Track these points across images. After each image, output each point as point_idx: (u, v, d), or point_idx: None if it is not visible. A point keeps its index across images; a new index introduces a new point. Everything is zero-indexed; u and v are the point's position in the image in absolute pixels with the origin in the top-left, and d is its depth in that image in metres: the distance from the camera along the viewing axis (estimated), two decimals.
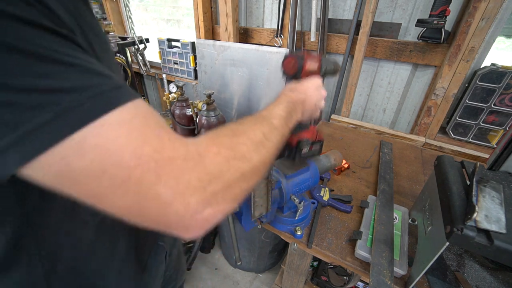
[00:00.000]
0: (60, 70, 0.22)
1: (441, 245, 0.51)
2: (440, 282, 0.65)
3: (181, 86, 1.57)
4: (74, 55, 0.24)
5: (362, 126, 1.48)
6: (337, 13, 1.44)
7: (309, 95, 0.56)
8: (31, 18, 0.22)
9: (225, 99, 1.81)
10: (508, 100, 1.15)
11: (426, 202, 0.71)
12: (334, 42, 1.47)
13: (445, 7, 1.07)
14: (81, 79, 0.23)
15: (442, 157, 0.68)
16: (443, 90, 1.23)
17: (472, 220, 0.46)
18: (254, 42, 1.76)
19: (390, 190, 0.94)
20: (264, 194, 0.61)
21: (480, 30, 1.05)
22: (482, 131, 1.25)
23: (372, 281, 0.63)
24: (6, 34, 0.20)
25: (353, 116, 1.64)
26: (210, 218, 0.28)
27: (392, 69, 1.40)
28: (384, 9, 1.30)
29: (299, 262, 0.98)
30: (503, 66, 1.12)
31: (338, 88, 1.52)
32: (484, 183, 0.53)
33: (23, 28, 0.21)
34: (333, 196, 0.93)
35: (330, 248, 0.76)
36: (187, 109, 1.57)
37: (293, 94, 0.53)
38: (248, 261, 1.61)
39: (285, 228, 0.80)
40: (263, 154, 0.36)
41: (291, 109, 0.49)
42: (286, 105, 0.48)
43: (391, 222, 0.78)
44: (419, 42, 1.23)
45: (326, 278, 1.27)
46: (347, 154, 1.22)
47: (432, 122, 1.31)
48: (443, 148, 1.30)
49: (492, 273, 0.67)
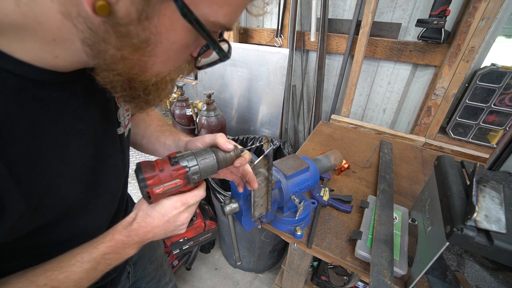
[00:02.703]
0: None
1: (441, 245, 0.51)
2: (440, 282, 0.65)
3: (181, 86, 1.57)
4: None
5: (362, 126, 1.48)
6: (337, 13, 1.44)
7: (156, 233, 0.45)
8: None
9: (225, 99, 1.81)
10: (508, 100, 1.15)
11: (426, 202, 0.71)
12: (334, 42, 1.47)
13: (445, 7, 1.07)
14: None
15: (442, 157, 0.68)
16: (443, 90, 1.23)
17: (472, 220, 0.46)
18: (254, 42, 1.76)
19: (390, 190, 0.94)
20: (264, 194, 0.61)
21: (480, 30, 1.05)
22: (482, 131, 1.25)
23: (372, 281, 0.63)
24: None
25: (353, 116, 1.64)
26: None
27: (392, 69, 1.40)
28: (384, 9, 1.30)
29: (299, 262, 0.98)
30: (503, 66, 1.12)
31: (338, 88, 1.52)
32: (484, 183, 0.53)
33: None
34: (333, 196, 0.93)
35: (330, 248, 0.77)
36: (187, 109, 1.57)
37: (123, 238, 0.43)
38: (248, 261, 1.61)
39: (285, 228, 0.80)
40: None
41: (106, 260, 0.42)
42: (95, 262, 0.41)
43: (391, 222, 0.78)
44: (419, 42, 1.23)
45: (326, 278, 1.27)
46: (347, 154, 1.22)
47: (432, 122, 1.31)
48: (443, 148, 1.30)
49: (492, 273, 0.67)
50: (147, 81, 0.34)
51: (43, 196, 0.35)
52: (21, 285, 0.35)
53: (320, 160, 0.84)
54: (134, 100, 0.36)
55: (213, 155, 0.46)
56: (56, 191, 0.37)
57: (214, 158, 0.46)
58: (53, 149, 0.35)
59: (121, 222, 0.44)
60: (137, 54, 0.30)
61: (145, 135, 0.63)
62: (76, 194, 0.41)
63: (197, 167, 0.44)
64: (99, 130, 0.44)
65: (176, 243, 0.57)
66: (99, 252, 0.41)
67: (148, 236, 0.45)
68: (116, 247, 0.42)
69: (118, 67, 0.30)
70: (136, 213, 0.45)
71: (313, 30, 1.41)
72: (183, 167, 0.43)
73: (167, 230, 0.46)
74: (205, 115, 1.47)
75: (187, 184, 0.45)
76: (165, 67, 0.34)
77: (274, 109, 1.63)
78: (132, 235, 0.43)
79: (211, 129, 1.48)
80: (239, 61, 1.63)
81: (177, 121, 1.59)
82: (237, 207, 0.65)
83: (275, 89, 1.56)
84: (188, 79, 2.04)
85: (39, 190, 0.34)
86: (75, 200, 0.41)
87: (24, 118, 0.31)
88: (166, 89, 0.38)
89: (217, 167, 0.46)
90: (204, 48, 0.37)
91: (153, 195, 0.42)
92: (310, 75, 1.68)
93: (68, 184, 0.39)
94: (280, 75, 1.51)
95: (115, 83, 0.32)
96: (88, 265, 0.40)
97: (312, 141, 1.32)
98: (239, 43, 1.64)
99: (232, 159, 0.49)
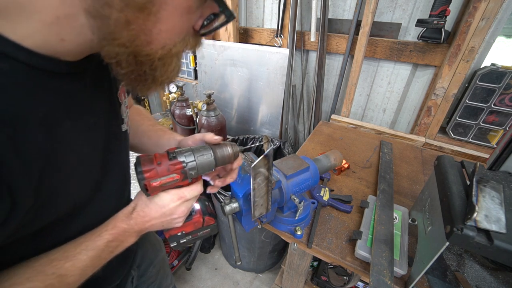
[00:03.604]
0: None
1: (441, 245, 0.51)
2: (440, 282, 0.65)
3: (181, 86, 1.57)
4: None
5: (362, 126, 1.48)
6: (337, 13, 1.44)
7: (153, 224, 0.47)
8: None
9: (225, 99, 1.81)
10: (508, 100, 1.15)
11: (426, 202, 0.71)
12: (334, 42, 1.47)
13: (445, 7, 1.07)
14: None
15: (442, 157, 0.68)
16: (443, 90, 1.23)
17: (472, 220, 0.46)
18: (254, 42, 1.76)
19: (390, 190, 0.94)
20: (264, 194, 0.61)
21: (480, 30, 1.05)
22: (482, 131, 1.25)
23: (372, 281, 0.63)
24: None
25: (353, 116, 1.64)
26: None
27: (392, 69, 1.40)
28: (384, 9, 1.30)
29: (299, 262, 0.98)
30: (503, 66, 1.12)
31: (338, 88, 1.52)
32: (484, 183, 0.53)
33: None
34: (333, 196, 0.93)
35: (330, 248, 0.77)
36: (187, 109, 1.57)
37: (125, 226, 0.44)
38: (248, 261, 1.61)
39: (285, 228, 0.80)
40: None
41: (109, 248, 0.43)
42: (99, 250, 0.41)
43: (391, 222, 0.78)
44: (419, 42, 1.23)
45: (326, 278, 1.27)
46: (347, 154, 1.22)
47: (432, 122, 1.31)
48: (443, 148, 1.30)
49: (492, 273, 0.67)
50: (152, 55, 0.33)
51: (53, 193, 0.34)
52: (29, 275, 0.35)
53: (320, 160, 0.84)
54: (140, 79, 0.35)
55: (211, 152, 0.47)
56: (66, 189, 0.37)
57: (212, 155, 0.47)
58: (65, 143, 0.35)
59: (122, 211, 0.46)
60: (142, 16, 0.29)
61: (136, 134, 0.63)
62: (84, 191, 0.41)
63: (194, 162, 0.45)
64: (108, 125, 0.44)
65: (174, 236, 0.59)
66: (103, 240, 0.42)
67: (146, 225, 0.47)
68: (119, 235, 0.44)
69: (123, 36, 0.30)
70: (136, 203, 0.47)
71: (313, 30, 1.41)
72: (180, 162, 0.44)
73: (164, 221, 0.48)
74: (205, 115, 1.47)
75: (184, 179, 0.46)
76: (170, 37, 0.34)
77: (274, 109, 1.63)
78: (132, 223, 0.45)
79: (211, 129, 1.48)
80: (239, 61, 1.62)
81: (177, 121, 1.59)
82: (237, 206, 0.65)
83: (275, 89, 1.56)
84: (188, 79, 2.04)
85: (49, 186, 0.33)
86: (81, 198, 0.41)
87: (38, 111, 0.30)
88: (172, 65, 0.37)
89: (214, 164, 0.47)
90: (207, 21, 0.36)
91: (150, 187, 0.43)
92: (310, 75, 1.68)
93: (78, 181, 0.39)
94: (280, 75, 1.51)
95: (120, 56, 0.32)
96: (92, 252, 0.41)
97: (312, 141, 1.32)
98: (239, 43, 1.64)
99: (230, 158, 0.49)
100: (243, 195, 0.63)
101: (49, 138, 0.32)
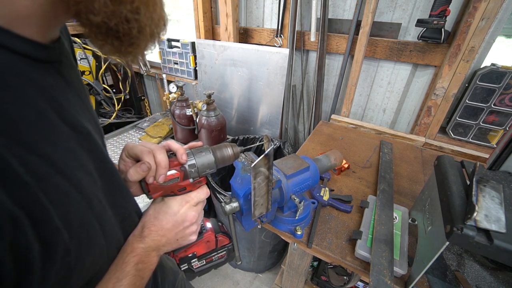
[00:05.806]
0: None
1: (441, 245, 0.51)
2: (440, 282, 0.65)
3: (181, 86, 1.57)
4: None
5: (362, 126, 1.48)
6: (337, 13, 1.44)
7: (168, 238, 0.44)
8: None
9: (225, 99, 1.81)
10: (508, 100, 1.15)
11: (426, 202, 0.71)
12: (334, 42, 1.47)
13: (445, 7, 1.07)
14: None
15: (442, 157, 0.69)
16: (443, 90, 1.23)
17: (472, 220, 0.46)
18: (254, 42, 1.76)
19: (390, 190, 0.94)
20: (264, 194, 0.61)
21: (480, 30, 1.05)
22: (482, 131, 1.25)
23: (372, 281, 0.63)
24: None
25: (353, 116, 1.64)
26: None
27: (392, 69, 1.40)
28: (384, 9, 1.30)
29: (299, 262, 0.98)
30: (503, 66, 1.12)
31: (338, 88, 1.52)
32: (484, 183, 0.53)
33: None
34: (333, 196, 0.93)
35: (330, 248, 0.77)
36: (187, 109, 1.57)
37: (142, 245, 0.41)
38: (248, 261, 1.61)
39: (285, 227, 0.80)
40: None
41: (139, 272, 0.39)
42: (132, 276, 0.38)
43: (391, 222, 0.78)
44: (419, 42, 1.23)
45: (326, 278, 1.27)
46: (347, 154, 1.22)
47: (432, 122, 1.31)
48: (443, 148, 1.30)
49: (492, 273, 0.67)
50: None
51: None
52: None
53: (320, 160, 0.84)
54: (124, 30, 0.29)
55: (210, 150, 0.48)
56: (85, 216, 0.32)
57: (211, 152, 0.48)
58: (67, 151, 0.30)
59: (132, 234, 0.43)
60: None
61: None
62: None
63: (193, 160, 0.46)
64: (92, 122, 0.39)
65: (185, 258, 0.56)
66: (130, 264, 0.39)
67: (162, 241, 0.44)
68: (141, 255, 0.41)
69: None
70: (143, 221, 0.45)
71: (313, 30, 1.41)
72: (178, 160, 0.45)
73: (178, 232, 0.45)
74: (205, 115, 1.47)
75: (185, 178, 0.46)
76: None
77: (274, 109, 1.63)
78: (148, 241, 0.42)
79: (211, 129, 1.48)
80: (239, 61, 1.63)
81: (177, 121, 1.59)
82: (237, 206, 0.65)
83: (275, 89, 1.56)
84: (188, 79, 2.04)
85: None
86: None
87: (30, 108, 0.26)
88: (157, 6, 0.31)
89: (214, 162, 0.48)
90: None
91: (151, 187, 0.43)
92: (310, 75, 1.68)
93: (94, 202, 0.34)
94: (280, 75, 1.51)
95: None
96: (126, 281, 0.37)
97: (312, 141, 1.32)
98: (239, 43, 1.64)
99: (230, 158, 0.49)
100: (244, 195, 0.63)
101: (51, 143, 0.29)
